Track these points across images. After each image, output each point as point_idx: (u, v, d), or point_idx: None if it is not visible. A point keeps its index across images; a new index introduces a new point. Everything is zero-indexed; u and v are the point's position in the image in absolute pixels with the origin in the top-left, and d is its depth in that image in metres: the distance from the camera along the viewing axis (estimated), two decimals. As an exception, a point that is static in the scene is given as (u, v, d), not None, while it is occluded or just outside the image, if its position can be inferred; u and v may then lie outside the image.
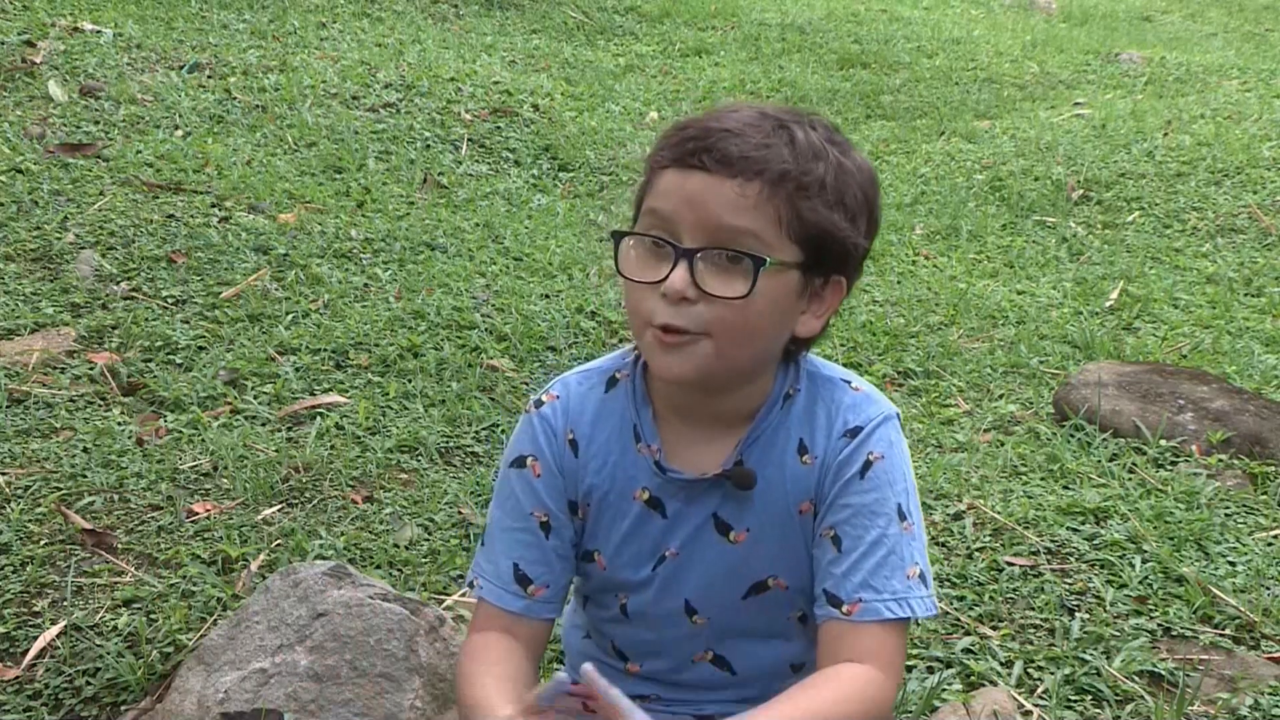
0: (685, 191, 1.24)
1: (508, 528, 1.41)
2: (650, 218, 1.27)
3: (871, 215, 1.32)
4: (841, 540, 1.31)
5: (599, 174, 5.33)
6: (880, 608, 1.28)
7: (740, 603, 1.40)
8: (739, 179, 1.22)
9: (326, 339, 3.30)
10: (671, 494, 1.38)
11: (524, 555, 1.40)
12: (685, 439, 1.38)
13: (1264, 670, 2.11)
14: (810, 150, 1.25)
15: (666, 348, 1.26)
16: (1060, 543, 2.49)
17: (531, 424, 1.42)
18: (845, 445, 1.34)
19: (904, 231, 4.84)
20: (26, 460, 2.62)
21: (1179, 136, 5.87)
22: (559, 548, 1.41)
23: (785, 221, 1.23)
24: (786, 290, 1.27)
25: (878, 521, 1.30)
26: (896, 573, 1.29)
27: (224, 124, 4.98)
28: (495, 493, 1.45)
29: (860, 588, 1.29)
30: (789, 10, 8.85)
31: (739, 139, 1.23)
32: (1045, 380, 3.42)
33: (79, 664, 2.03)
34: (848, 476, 1.33)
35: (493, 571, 1.41)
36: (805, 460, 1.35)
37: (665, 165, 1.26)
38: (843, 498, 1.32)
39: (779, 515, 1.36)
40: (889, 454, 1.33)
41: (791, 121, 1.27)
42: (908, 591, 1.29)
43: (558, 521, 1.41)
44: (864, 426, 1.34)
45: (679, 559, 1.39)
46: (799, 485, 1.35)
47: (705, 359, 1.26)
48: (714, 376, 1.29)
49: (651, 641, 1.45)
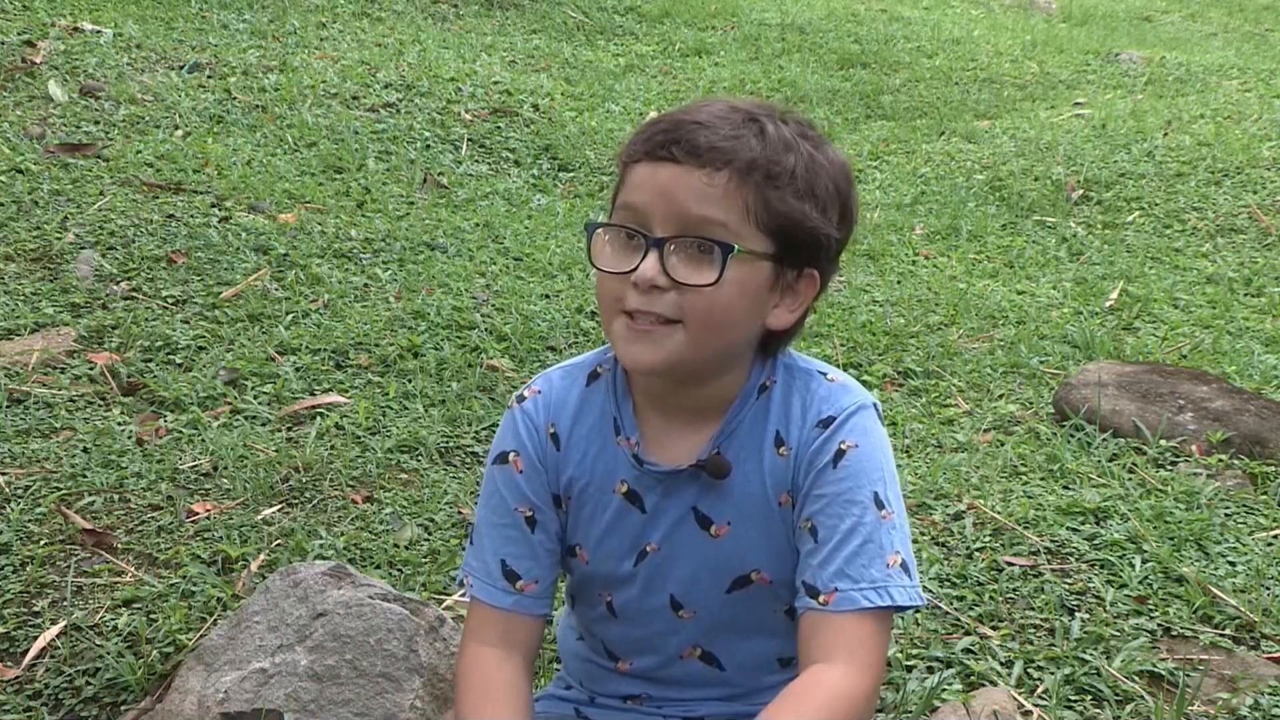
0: (656, 182, 1.26)
1: (494, 524, 1.42)
2: (623, 211, 1.29)
3: (845, 208, 1.32)
4: (818, 530, 1.31)
5: (599, 174, 5.32)
6: (857, 596, 1.27)
7: (725, 597, 1.40)
8: (707, 169, 1.24)
9: (326, 339, 3.30)
10: (649, 486, 1.38)
11: (511, 551, 1.41)
12: (663, 431, 1.39)
13: (1264, 670, 2.11)
14: (780, 142, 1.26)
15: (635, 335, 1.27)
16: (1060, 543, 2.49)
17: (514, 419, 1.43)
18: (818, 435, 1.33)
19: (904, 231, 4.84)
20: (26, 460, 2.62)
21: (1179, 136, 5.87)
22: (545, 542, 1.42)
23: (753, 211, 1.25)
24: (757, 281, 1.27)
25: (852, 510, 1.29)
26: (875, 561, 1.28)
27: (224, 124, 4.98)
28: (481, 490, 1.46)
29: (836, 577, 1.28)
30: (789, 10, 8.85)
31: (708, 130, 1.25)
32: (1045, 380, 3.42)
33: (79, 664, 2.03)
34: (820, 466, 1.32)
35: (482, 569, 1.41)
36: (782, 452, 1.35)
37: (637, 159, 1.28)
38: (817, 488, 1.32)
39: (759, 508, 1.36)
40: (863, 443, 1.32)
41: (762, 115, 1.29)
42: (887, 580, 1.27)
43: (543, 516, 1.41)
44: (837, 416, 1.34)
45: (661, 554, 1.40)
46: (777, 477, 1.36)
47: (674, 347, 1.27)
48: (683, 365, 1.29)
49: (639, 638, 1.46)
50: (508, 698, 1.36)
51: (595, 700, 1.53)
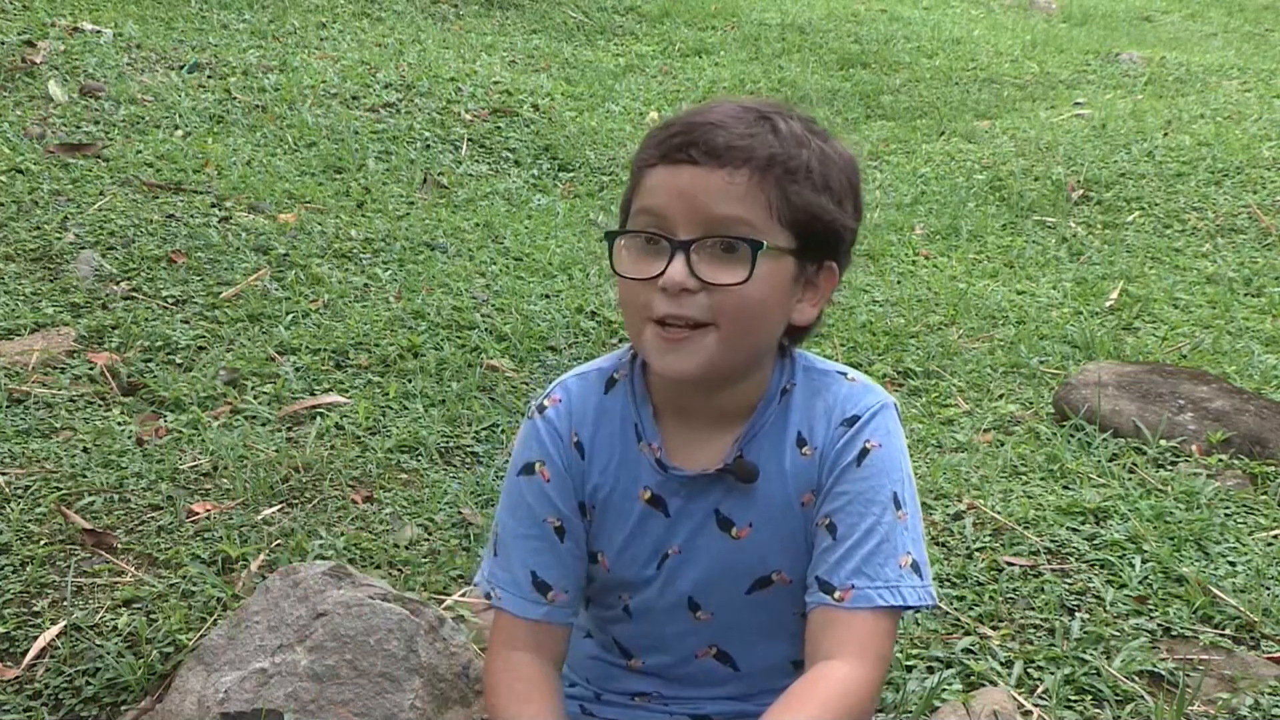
0: (675, 185, 1.25)
1: (521, 535, 1.41)
2: (643, 216, 1.28)
3: (856, 199, 1.34)
4: (837, 527, 1.32)
5: (599, 174, 5.33)
6: (873, 595, 1.28)
7: (744, 598, 1.40)
8: (727, 168, 1.24)
9: (326, 339, 3.30)
10: (673, 491, 1.38)
11: (541, 562, 1.40)
12: (685, 436, 1.38)
13: (1264, 670, 2.11)
14: (793, 138, 1.28)
15: (668, 345, 1.27)
16: (1060, 543, 2.49)
17: (537, 429, 1.42)
18: (843, 434, 1.34)
19: (904, 231, 4.84)
20: (26, 460, 2.62)
21: (1179, 136, 5.87)
22: (573, 550, 1.41)
23: (775, 207, 1.25)
24: (783, 276, 1.28)
25: (873, 509, 1.31)
26: (890, 561, 1.30)
27: (224, 124, 4.98)
28: (504, 500, 1.44)
29: (854, 574, 1.29)
30: (789, 10, 8.85)
31: (724, 130, 1.25)
32: (1045, 380, 3.42)
33: (79, 664, 2.03)
34: (845, 464, 1.33)
35: (510, 581, 1.40)
36: (805, 452, 1.36)
37: (652, 163, 1.28)
38: (839, 485, 1.33)
39: (781, 509, 1.36)
40: (886, 442, 1.34)
41: (772, 113, 1.30)
42: (899, 580, 1.29)
43: (570, 525, 1.41)
44: (861, 415, 1.34)
45: (681, 555, 1.40)
46: (800, 478, 1.36)
47: (709, 352, 1.27)
48: (717, 370, 1.29)
49: (655, 637, 1.46)
50: (544, 696, 1.37)
51: (601, 697, 1.53)
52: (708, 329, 1.26)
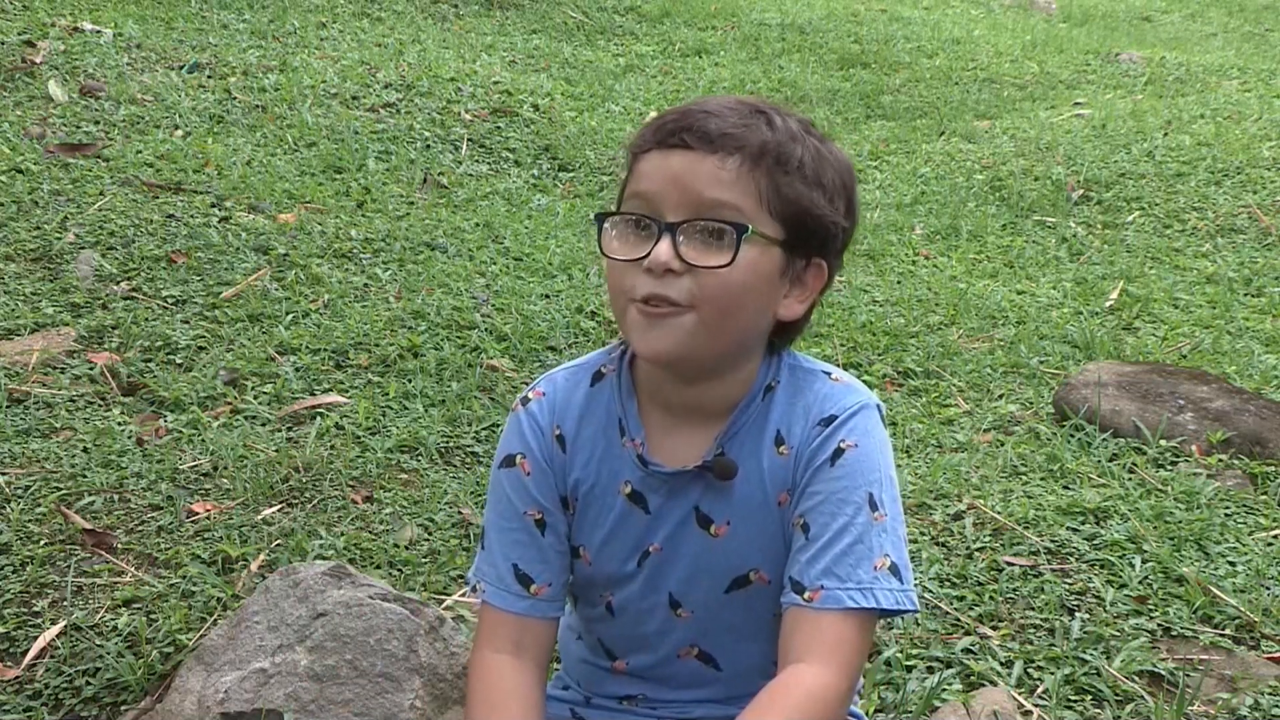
0: (667, 170, 1.27)
1: (504, 529, 1.42)
2: (634, 200, 1.29)
3: (850, 201, 1.34)
4: (809, 527, 1.31)
5: (599, 174, 5.33)
6: (842, 596, 1.26)
7: (723, 597, 1.40)
8: (719, 154, 1.25)
9: (326, 339, 3.30)
10: (653, 488, 1.38)
11: (523, 555, 1.40)
12: (667, 432, 1.38)
13: (1264, 670, 2.11)
14: (787, 132, 1.29)
15: (649, 320, 1.27)
16: (1060, 543, 2.49)
17: (519, 421, 1.43)
18: (819, 434, 1.33)
19: (904, 231, 4.84)
20: (26, 460, 2.62)
21: (1179, 136, 5.87)
22: (555, 544, 1.41)
23: (765, 196, 1.26)
24: (769, 266, 1.28)
25: (845, 509, 1.29)
26: (863, 562, 1.28)
27: (224, 124, 4.98)
28: (489, 494, 1.45)
29: (823, 575, 1.28)
30: (789, 10, 8.85)
31: (718, 118, 1.26)
32: (1045, 380, 3.42)
33: (79, 664, 2.03)
34: (819, 464, 1.32)
35: (494, 574, 1.41)
36: (782, 451, 1.35)
37: (647, 148, 1.29)
38: (813, 485, 1.32)
39: (758, 507, 1.36)
40: (863, 443, 1.32)
41: (768, 108, 1.31)
42: (874, 582, 1.27)
43: (552, 518, 1.41)
44: (839, 415, 1.34)
45: (662, 554, 1.40)
46: (777, 477, 1.35)
47: (687, 333, 1.26)
48: (695, 354, 1.29)
49: (637, 636, 1.46)
50: (516, 706, 1.36)
51: (591, 701, 1.53)
52: (688, 311, 1.26)
